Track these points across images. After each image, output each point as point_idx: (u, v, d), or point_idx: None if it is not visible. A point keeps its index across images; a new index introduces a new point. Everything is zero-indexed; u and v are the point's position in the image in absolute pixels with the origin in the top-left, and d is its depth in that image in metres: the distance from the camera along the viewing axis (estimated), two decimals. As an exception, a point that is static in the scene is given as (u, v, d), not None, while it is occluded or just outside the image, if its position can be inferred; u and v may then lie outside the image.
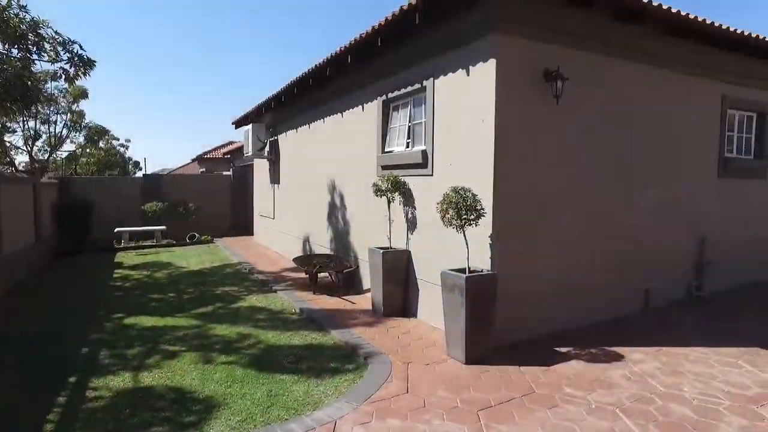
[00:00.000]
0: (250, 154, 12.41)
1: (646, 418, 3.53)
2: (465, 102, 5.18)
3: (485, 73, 4.88)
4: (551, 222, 5.31)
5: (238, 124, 14.15)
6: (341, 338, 5.34)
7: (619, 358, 4.71)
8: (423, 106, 6.03)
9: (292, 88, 9.20)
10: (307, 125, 9.82)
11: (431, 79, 5.71)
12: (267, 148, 12.34)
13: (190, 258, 11.64)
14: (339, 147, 8.35)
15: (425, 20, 5.30)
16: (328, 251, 8.81)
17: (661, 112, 6.34)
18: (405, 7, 5.26)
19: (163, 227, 14.33)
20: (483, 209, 4.54)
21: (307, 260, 8.16)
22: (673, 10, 5.41)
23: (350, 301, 7.00)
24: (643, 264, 6.28)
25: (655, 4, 5.21)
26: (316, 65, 7.71)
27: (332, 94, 8.47)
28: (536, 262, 5.22)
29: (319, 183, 9.19)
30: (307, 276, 7.78)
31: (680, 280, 6.83)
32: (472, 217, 4.48)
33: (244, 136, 12.83)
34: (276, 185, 12.22)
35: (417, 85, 5.98)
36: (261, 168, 13.85)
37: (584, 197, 5.59)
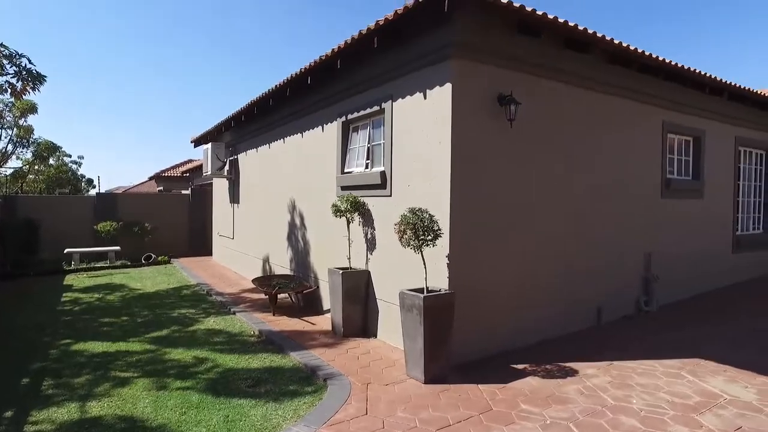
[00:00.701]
0: (209, 173, 12.22)
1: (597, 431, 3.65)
2: (422, 124, 5.31)
3: (442, 96, 5.03)
4: (506, 241, 5.47)
5: (198, 142, 13.93)
6: (300, 360, 5.28)
7: (573, 373, 4.85)
8: (382, 127, 6.14)
9: (252, 108, 9.18)
10: (267, 145, 9.79)
11: (390, 101, 5.84)
12: (227, 168, 12.19)
13: (146, 279, 11.26)
14: (299, 167, 8.36)
15: (383, 44, 5.45)
16: (288, 272, 8.73)
17: (609, 135, 6.68)
18: (364, 31, 5.40)
19: (117, 248, 13.84)
20: (440, 230, 4.64)
21: (267, 281, 8.06)
22: (616, 42, 5.76)
23: (310, 322, 6.94)
24: (595, 281, 6.53)
25: (599, 35, 5.54)
26: (276, 86, 7.74)
27: (292, 115, 8.49)
28: (493, 280, 5.34)
29: (279, 203, 9.14)
30: (267, 297, 7.67)
31: (629, 295, 7.13)
32: (430, 237, 4.57)
33: (203, 154, 12.64)
34: (236, 205, 12.06)
35: (376, 107, 6.10)
36: (220, 187, 13.64)
37: (537, 217, 5.79)
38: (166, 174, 26.07)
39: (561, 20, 5.12)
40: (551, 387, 4.49)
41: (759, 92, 8.69)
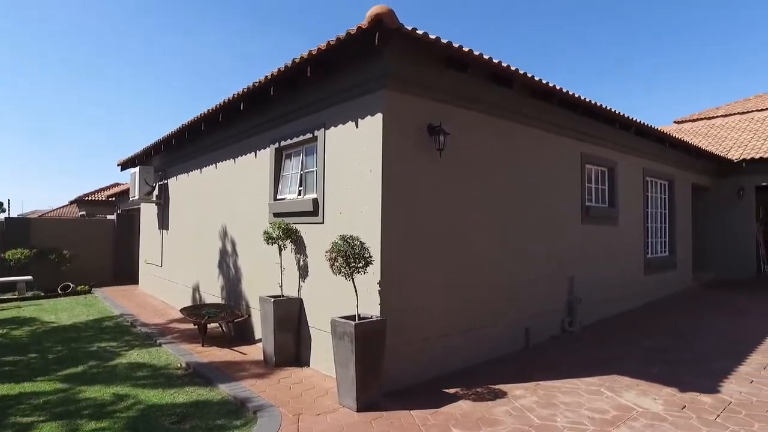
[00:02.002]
0: (136, 197, 11.66)
1: (520, 452, 3.76)
2: (354, 153, 5.40)
3: (373, 126, 5.15)
4: (437, 268, 5.61)
5: (125, 165, 13.31)
6: (230, 392, 5.08)
7: (502, 395, 4.99)
8: (315, 155, 6.18)
9: (183, 132, 8.94)
10: (199, 170, 9.52)
11: (323, 129, 5.90)
12: (156, 192, 11.70)
13: (61, 311, 10.44)
14: (231, 193, 8.19)
15: (316, 73, 5.53)
16: (219, 300, 8.43)
17: (534, 165, 7.09)
18: (297, 60, 5.46)
19: (29, 277, 12.77)
20: (371, 257, 4.69)
21: (196, 310, 7.73)
22: (536, 78, 6.18)
23: (241, 352, 6.71)
24: (523, 304, 6.81)
25: (521, 71, 5.93)
26: (208, 110, 7.61)
27: (225, 140, 8.35)
28: (424, 306, 5.44)
29: (210, 229, 8.87)
30: (196, 327, 7.35)
31: (555, 317, 7.48)
32: (361, 264, 4.60)
33: (130, 178, 12.06)
34: (165, 231, 11.55)
35: (309, 135, 6.14)
36: (149, 213, 13.03)
37: (466, 244, 5.99)
38: (90, 198, 24.55)
39: (486, 56, 5.45)
40: (482, 410, 4.59)
41: (659, 129, 9.64)
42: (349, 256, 4.55)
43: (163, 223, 11.58)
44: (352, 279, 4.69)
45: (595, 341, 7.19)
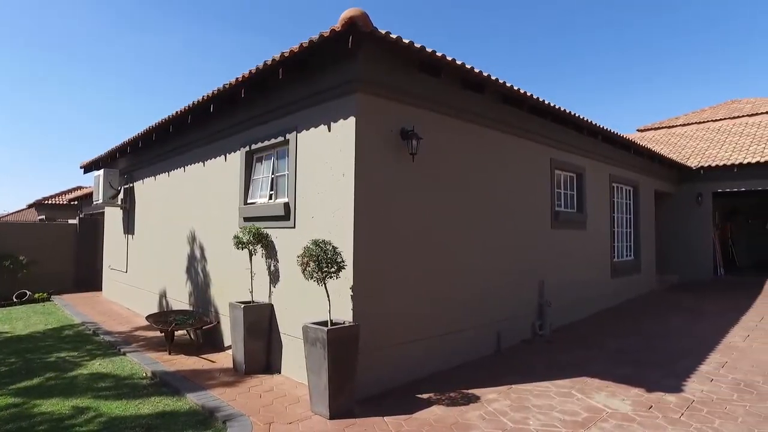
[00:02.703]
0: (100, 201, 11.27)
1: (494, 456, 3.76)
2: (326, 157, 5.35)
3: (346, 129, 5.11)
4: (410, 272, 5.59)
5: (88, 168, 12.87)
6: (198, 402, 4.92)
7: (475, 399, 5.00)
8: (286, 158, 6.09)
9: (150, 134, 8.71)
10: (167, 173, 9.28)
11: (295, 132, 5.82)
12: (121, 196, 11.35)
13: (16, 320, 9.97)
14: (200, 197, 7.99)
15: (289, 76, 5.47)
16: (187, 306, 8.20)
17: (505, 170, 7.17)
18: (269, 62, 5.38)
19: (-17, 285, 12.17)
20: (344, 261, 4.64)
21: (163, 317, 7.50)
22: (507, 84, 6.27)
23: (210, 360, 6.53)
24: (495, 308, 6.86)
25: (493, 77, 6.00)
26: (176, 112, 7.43)
27: (194, 142, 8.16)
28: (397, 310, 5.41)
29: (178, 234, 8.63)
30: (163, 335, 7.12)
31: (526, 320, 7.57)
32: (333, 269, 4.54)
33: (94, 181, 11.65)
34: (130, 236, 11.19)
35: (281, 138, 6.05)
36: (113, 217, 12.61)
37: (439, 248, 6.00)
38: (50, 201, 23.62)
39: (458, 62, 5.49)
40: (455, 415, 4.58)
41: (624, 136, 9.94)
42: (321, 261, 4.48)
43: (129, 227, 11.23)
44: (325, 284, 4.62)
45: (566, 344, 7.30)
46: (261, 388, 5.37)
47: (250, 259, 6.16)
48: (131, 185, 11.17)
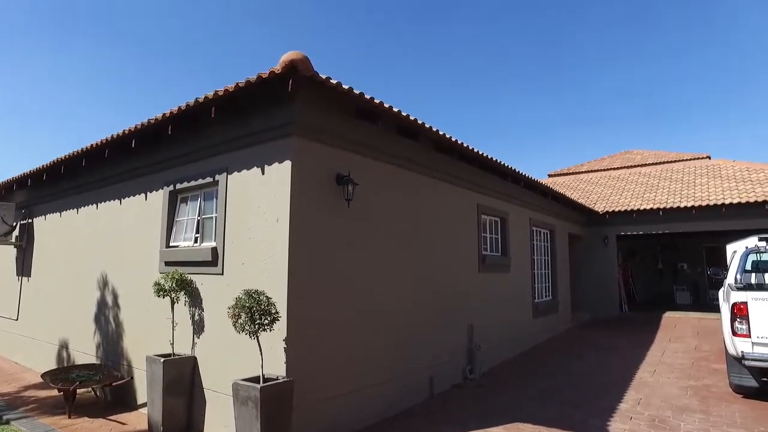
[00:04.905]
0: (-10, 239, 10.00)
1: None
2: (259, 200, 5.14)
3: (281, 173, 4.96)
4: (343, 321, 5.42)
5: (-24, 201, 11.45)
6: (103, 475, 4.34)
7: (410, 451, 4.86)
8: (215, 200, 5.78)
9: (59, 167, 7.96)
10: (75, 209, 8.48)
11: (225, 173, 5.57)
12: (16, 233, 10.17)
13: None
14: (115, 237, 7.34)
15: (222, 115, 5.27)
16: (93, 359, 7.36)
17: (436, 215, 7.30)
18: (201, 99, 5.15)
19: None
20: (277, 312, 4.40)
21: (63, 373, 6.65)
22: (440, 132, 6.47)
23: (119, 422, 5.84)
24: (427, 353, 6.83)
25: (427, 125, 6.17)
26: (93, 145, 6.86)
27: (110, 178, 7.55)
28: (331, 362, 5.19)
29: (86, 277, 7.83)
30: (62, 394, 6.28)
31: (456, 365, 7.60)
32: (266, 321, 4.29)
33: (-17, 216, 10.36)
34: (25, 278, 9.99)
35: (209, 179, 5.75)
36: (4, 256, 11.23)
37: (372, 295, 5.89)
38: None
39: (395, 109, 5.59)
40: (391, 470, 4.40)
41: (543, 182, 10.62)
42: (254, 312, 4.22)
43: (24, 268, 10.03)
44: (257, 337, 4.34)
45: (495, 387, 7.39)
46: (180, 453, 4.86)
47: (172, 308, 5.68)
48: (30, 221, 10.06)
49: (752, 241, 8.09)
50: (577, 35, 51.46)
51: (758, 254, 7.46)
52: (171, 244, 6.31)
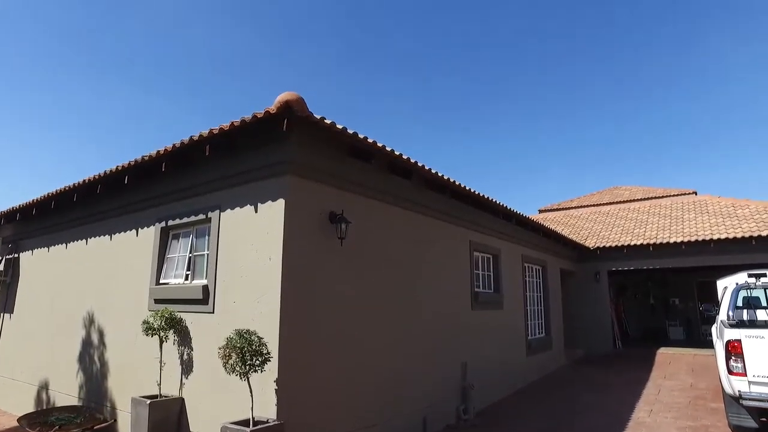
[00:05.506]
0: (-27, 274, 9.80)
1: None
2: (252, 238, 5.12)
3: (274, 211, 4.96)
4: (337, 362, 5.31)
5: (-38, 235, 11.28)
6: None
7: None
8: (207, 237, 5.74)
9: (48, 202, 7.90)
10: (65, 245, 8.37)
11: (218, 211, 5.56)
12: (1, 268, 9.98)
13: None
14: (104, 274, 7.22)
15: (216, 153, 5.30)
16: (75, 401, 7.11)
17: (429, 253, 7.30)
18: (195, 137, 5.19)
19: None
20: (269, 353, 4.32)
21: (42, 416, 6.40)
22: (432, 170, 6.55)
23: (100, 468, 5.62)
24: (421, 393, 6.69)
25: (419, 164, 6.25)
26: (84, 181, 6.84)
27: (102, 214, 7.49)
28: (325, 403, 5.07)
29: (72, 315, 7.65)
30: (40, 438, 6.03)
31: (451, 404, 7.44)
32: (258, 362, 4.20)
33: (-32, 251, 10.18)
34: (8, 315, 9.74)
35: (202, 216, 5.73)
36: (-11, 292, 10.98)
37: (365, 334, 5.81)
38: None
39: (388, 148, 5.67)
40: None
41: (534, 219, 10.71)
42: (245, 353, 4.14)
43: (8, 305, 9.79)
44: (248, 378, 4.24)
45: (490, 428, 7.23)
46: (163, 502, 4.65)
47: (160, 347, 5.55)
48: (16, 256, 9.90)
49: (742, 277, 8.13)
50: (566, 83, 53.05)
51: (749, 290, 7.50)
52: (161, 281, 6.22)
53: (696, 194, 19.32)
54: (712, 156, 58.76)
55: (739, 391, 6.20)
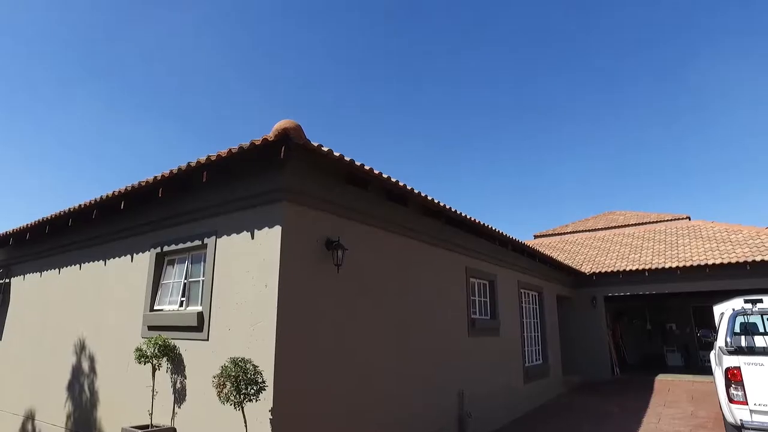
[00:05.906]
0: (-36, 300, 9.67)
1: None
2: (248, 265, 5.09)
3: (271, 238, 4.95)
4: (332, 390, 5.23)
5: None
6: None
7: None
8: (202, 263, 5.71)
9: (42, 227, 7.85)
10: (57, 270, 8.29)
11: (214, 237, 5.54)
12: (-8, 293, 9.85)
13: None
14: (97, 300, 7.14)
15: (213, 179, 5.31)
16: (63, 431, 6.94)
17: (425, 279, 7.27)
18: (192, 164, 5.21)
19: None
20: (264, 382, 4.26)
21: (30, 447, 6.25)
22: (429, 197, 6.57)
23: (87, 503, 5.44)
24: (417, 423, 6.56)
25: (416, 191, 6.27)
26: (79, 206, 6.83)
27: (96, 238, 7.46)
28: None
29: (63, 341, 7.53)
30: (26, 471, 5.87)
31: (446, 434, 7.31)
32: (252, 391, 4.14)
33: (-41, 276, 10.07)
34: (-3, 341, 9.58)
35: (197, 242, 5.71)
36: (-22, 317, 10.81)
37: (363, 362, 5.74)
38: None
39: (385, 175, 5.70)
40: None
41: (530, 244, 10.72)
42: (240, 382, 4.07)
43: (-3, 331, 9.64)
44: (242, 408, 4.16)
45: (487, 459, 7.08)
46: None
47: (153, 375, 5.45)
48: (8, 281, 9.79)
49: (738, 303, 8.14)
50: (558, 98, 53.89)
51: (745, 316, 7.49)
52: (155, 307, 6.15)
53: (690, 219, 19.46)
54: (701, 180, 59.48)
55: (741, 420, 6.13)
